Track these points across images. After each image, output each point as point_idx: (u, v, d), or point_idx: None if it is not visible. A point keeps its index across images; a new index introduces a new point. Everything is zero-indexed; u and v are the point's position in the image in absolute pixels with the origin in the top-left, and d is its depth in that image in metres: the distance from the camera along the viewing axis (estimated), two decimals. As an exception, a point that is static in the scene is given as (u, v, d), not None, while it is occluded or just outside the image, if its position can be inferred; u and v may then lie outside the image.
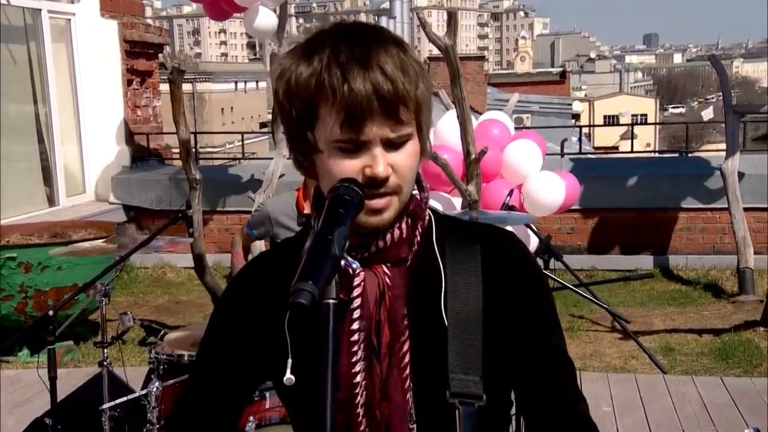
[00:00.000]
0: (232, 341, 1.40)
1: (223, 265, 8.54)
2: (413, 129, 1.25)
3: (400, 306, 1.30)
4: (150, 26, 10.17)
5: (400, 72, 1.20)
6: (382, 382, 1.30)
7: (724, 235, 7.91)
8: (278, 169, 7.83)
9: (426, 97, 1.25)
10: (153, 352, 3.58)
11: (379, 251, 1.30)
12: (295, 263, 1.30)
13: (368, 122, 1.20)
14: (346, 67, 1.19)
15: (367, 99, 1.18)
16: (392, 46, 1.23)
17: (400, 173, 1.24)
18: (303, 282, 1.08)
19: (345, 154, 1.23)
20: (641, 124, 41.77)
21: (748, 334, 6.11)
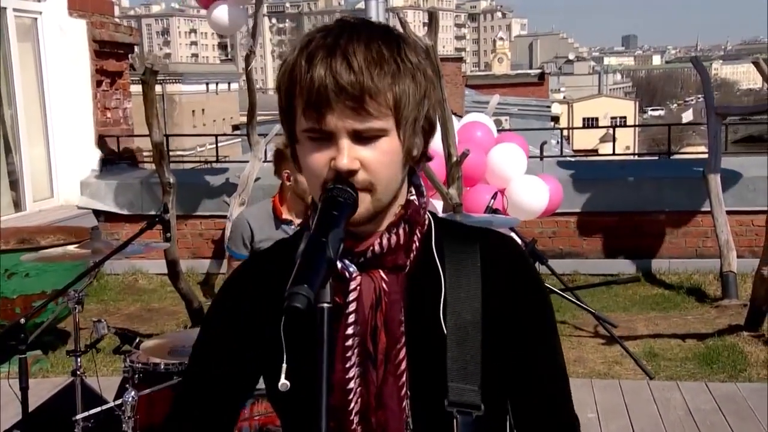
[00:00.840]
0: (225, 345, 1.41)
1: (197, 272, 8.51)
2: (388, 125, 1.23)
3: (397, 312, 1.31)
4: (120, 26, 10.11)
5: (372, 64, 1.20)
6: (378, 389, 1.30)
7: (707, 238, 8.00)
8: (254, 173, 7.82)
9: (409, 96, 1.23)
10: (128, 360, 3.56)
11: (375, 257, 1.30)
12: (289, 266, 1.30)
13: (329, 111, 1.20)
14: (311, 55, 1.21)
15: (324, 87, 1.19)
16: (376, 41, 1.23)
17: (370, 169, 1.23)
18: (298, 285, 1.08)
19: (314, 145, 1.25)
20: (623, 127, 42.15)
21: (732, 339, 6.18)
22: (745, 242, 7.89)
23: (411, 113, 1.25)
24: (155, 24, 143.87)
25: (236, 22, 7.16)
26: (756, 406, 4.98)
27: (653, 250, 8.19)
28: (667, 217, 8.15)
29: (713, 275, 7.71)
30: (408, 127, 1.25)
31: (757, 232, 7.85)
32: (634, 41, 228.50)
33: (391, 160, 1.25)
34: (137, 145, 10.13)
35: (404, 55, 1.25)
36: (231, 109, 61.56)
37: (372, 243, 1.30)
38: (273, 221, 4.12)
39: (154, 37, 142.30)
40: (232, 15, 7.10)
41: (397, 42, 1.26)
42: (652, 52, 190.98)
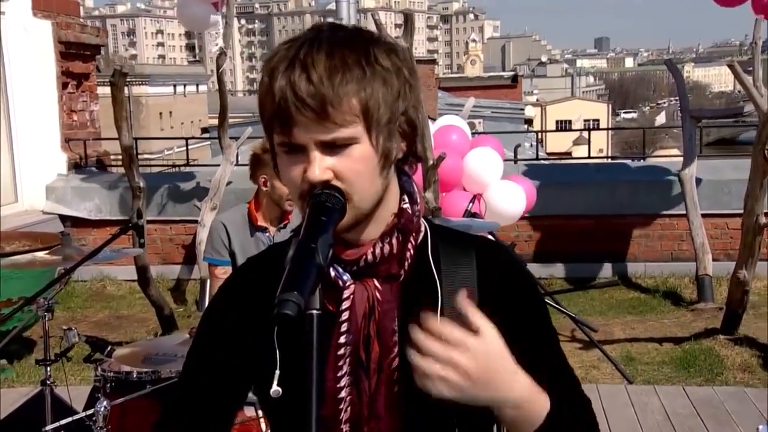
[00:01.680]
0: (216, 354, 1.41)
1: (167, 278, 8.45)
2: (357, 132, 1.22)
3: (390, 321, 1.31)
4: (86, 26, 10.02)
5: (334, 72, 1.20)
6: (370, 399, 1.31)
7: (683, 241, 8.10)
8: (225, 176, 7.79)
9: (380, 100, 1.23)
10: (99, 369, 3.53)
11: (368, 266, 1.31)
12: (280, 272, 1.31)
13: (293, 125, 1.21)
14: (273, 70, 1.23)
15: (285, 100, 1.20)
16: (341, 47, 1.23)
17: (343, 178, 1.23)
18: (288, 292, 1.09)
19: (288, 158, 1.26)
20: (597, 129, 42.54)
21: (709, 342, 6.26)
22: (720, 245, 8.00)
23: (383, 117, 1.24)
24: (120, 24, 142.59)
25: (205, 18, 7.12)
26: (733, 410, 5.05)
27: (629, 253, 8.28)
28: (642, 221, 8.24)
29: (689, 278, 7.81)
30: (381, 132, 1.25)
31: (731, 235, 7.97)
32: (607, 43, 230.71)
33: (364, 167, 1.24)
34: (105, 148, 10.05)
35: (372, 59, 1.24)
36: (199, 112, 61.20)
37: (365, 252, 1.31)
38: (248, 227, 4.11)
39: (120, 38, 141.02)
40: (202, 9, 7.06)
41: (365, 46, 1.25)
42: (624, 54, 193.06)
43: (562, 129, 52.74)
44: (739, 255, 6.29)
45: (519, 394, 1.24)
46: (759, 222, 5.95)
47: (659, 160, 12.47)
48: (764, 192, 6.01)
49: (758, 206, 5.95)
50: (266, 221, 4.12)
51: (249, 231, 4.11)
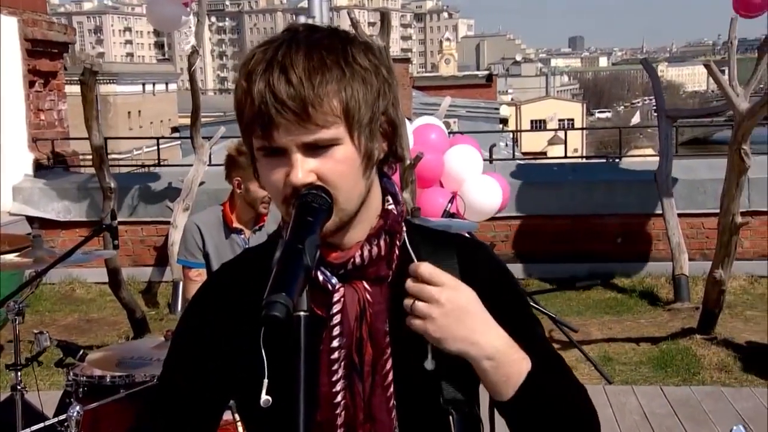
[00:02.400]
0: (196, 359, 1.40)
1: (138, 280, 8.39)
2: (339, 133, 1.23)
3: (382, 323, 1.32)
4: (54, 23, 9.91)
5: (313, 73, 1.20)
6: (366, 402, 1.32)
7: (659, 241, 8.19)
8: (198, 177, 7.75)
9: (360, 99, 1.23)
10: (71, 374, 3.49)
11: (357, 269, 1.31)
12: (261, 274, 1.31)
13: (274, 128, 1.21)
14: (250, 73, 1.22)
15: (265, 104, 1.19)
16: (319, 48, 1.23)
17: (327, 180, 1.23)
18: (276, 294, 1.08)
19: (269, 162, 1.26)
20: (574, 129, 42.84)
21: (685, 342, 6.34)
22: (696, 245, 8.09)
23: (364, 116, 1.24)
24: (87, 22, 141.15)
25: (175, 18, 7.08)
26: (710, 409, 5.12)
27: (605, 253, 8.34)
28: (619, 220, 8.32)
29: (665, 278, 7.89)
30: (363, 131, 1.25)
31: (707, 235, 8.07)
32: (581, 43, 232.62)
33: (348, 168, 1.25)
34: (73, 148, 9.95)
35: (351, 59, 1.24)
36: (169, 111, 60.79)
37: (352, 254, 1.31)
38: (223, 229, 4.09)
39: (86, 35, 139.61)
40: (172, 9, 7.02)
41: (342, 46, 1.25)
42: (598, 53, 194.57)
43: (536, 128, 53.09)
44: (716, 255, 6.37)
45: (495, 342, 1.25)
46: (735, 221, 6.03)
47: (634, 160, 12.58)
48: (740, 191, 6.09)
49: (734, 205, 6.03)
50: (241, 223, 4.10)
51: (224, 233, 4.09)
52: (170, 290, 7.80)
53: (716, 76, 5.91)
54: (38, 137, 9.13)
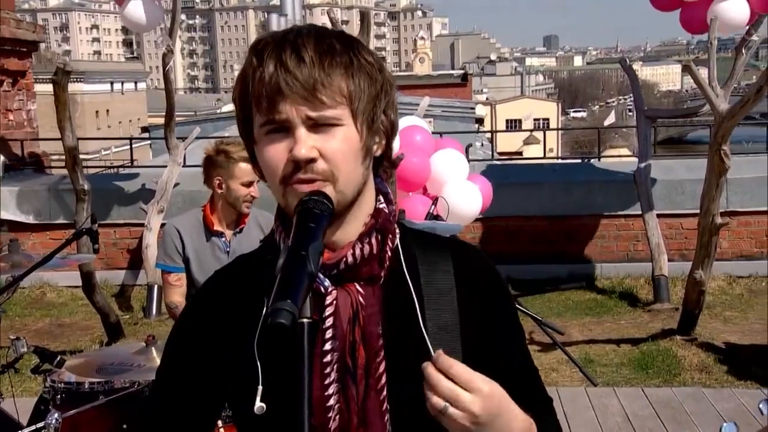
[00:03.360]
0: (190, 367, 1.41)
1: (111, 284, 8.33)
2: (344, 114, 1.26)
3: (375, 325, 1.33)
4: (22, 21, 9.80)
5: (323, 55, 1.24)
6: (360, 405, 1.32)
7: (638, 242, 8.26)
8: (173, 178, 7.71)
9: (364, 91, 1.27)
10: (49, 380, 3.47)
11: (349, 269, 1.32)
12: (256, 279, 1.32)
13: (282, 101, 1.24)
14: (260, 52, 1.26)
15: (276, 79, 1.23)
16: (328, 38, 1.28)
17: (329, 158, 1.25)
18: (281, 301, 1.09)
19: (271, 139, 1.27)
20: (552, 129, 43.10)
21: (666, 343, 6.40)
22: (675, 245, 8.18)
23: (366, 107, 1.28)
24: (52, 19, 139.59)
25: (153, 19, 7.04)
26: (692, 410, 5.18)
27: (585, 254, 8.42)
28: (598, 221, 8.39)
29: (644, 279, 7.97)
30: (364, 120, 1.28)
31: (686, 235, 8.17)
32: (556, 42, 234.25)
33: (349, 149, 1.27)
34: (43, 149, 9.85)
35: (357, 51, 1.28)
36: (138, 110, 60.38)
37: (345, 253, 1.32)
38: (203, 232, 4.07)
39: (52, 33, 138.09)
40: (148, 11, 6.99)
41: (350, 41, 1.30)
42: (573, 53, 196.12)
43: (512, 128, 53.32)
44: (695, 255, 6.44)
45: None
46: (715, 222, 6.10)
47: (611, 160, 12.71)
48: (720, 192, 6.17)
49: (714, 206, 6.11)
50: (222, 225, 4.09)
51: (204, 236, 4.07)
52: (144, 294, 7.75)
53: (696, 76, 5.98)
54: (7, 138, 9.03)
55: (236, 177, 3.94)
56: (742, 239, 8.33)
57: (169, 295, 4.10)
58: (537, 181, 8.62)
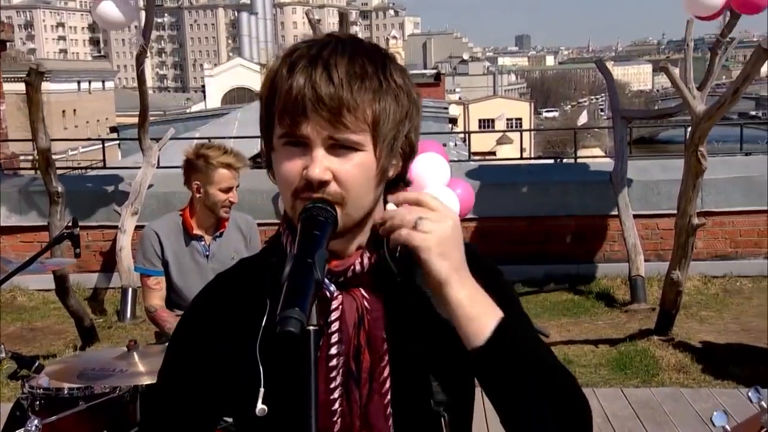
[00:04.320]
0: (193, 368, 1.42)
1: (84, 287, 8.26)
2: (365, 140, 1.27)
3: (380, 330, 1.35)
4: (-9, 19, 9.70)
5: (353, 78, 1.24)
6: (362, 409, 1.34)
7: (614, 242, 8.35)
8: (147, 180, 7.67)
9: (390, 115, 1.28)
10: (27, 386, 3.44)
11: (356, 276, 1.34)
12: (258, 283, 1.33)
13: (305, 118, 1.24)
14: (293, 64, 1.26)
15: (303, 96, 1.23)
16: (360, 56, 1.27)
17: (342, 182, 1.26)
18: (290, 309, 1.11)
19: (288, 152, 1.28)
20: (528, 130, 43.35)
21: (644, 343, 6.48)
22: (651, 246, 8.27)
23: (390, 132, 1.29)
24: (17, 17, 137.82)
25: (128, 18, 6.99)
26: (671, 410, 5.24)
27: (562, 255, 8.48)
28: (574, 222, 8.45)
29: (621, 279, 8.05)
30: (385, 146, 1.29)
31: (662, 236, 8.26)
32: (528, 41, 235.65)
33: (364, 175, 1.28)
34: (11, 150, 9.75)
35: (389, 74, 1.29)
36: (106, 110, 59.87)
37: (352, 262, 1.34)
38: (183, 236, 4.06)
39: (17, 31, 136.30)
40: (122, 10, 6.93)
41: (382, 60, 1.30)
42: (545, 52, 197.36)
43: (485, 128, 53.57)
44: (673, 256, 6.52)
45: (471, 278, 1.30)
46: (692, 223, 6.19)
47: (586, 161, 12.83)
48: (697, 193, 6.25)
49: (691, 207, 6.19)
50: (201, 229, 4.09)
51: (184, 240, 4.07)
52: (118, 297, 7.70)
53: (674, 78, 6.06)
54: (-25, 138, 8.94)
55: (215, 182, 3.94)
56: (717, 239, 8.44)
57: (148, 299, 4.09)
58: (514, 182, 8.67)
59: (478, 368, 1.29)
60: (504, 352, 1.27)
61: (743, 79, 5.60)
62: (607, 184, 7.92)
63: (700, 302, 7.69)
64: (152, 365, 3.22)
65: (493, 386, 1.29)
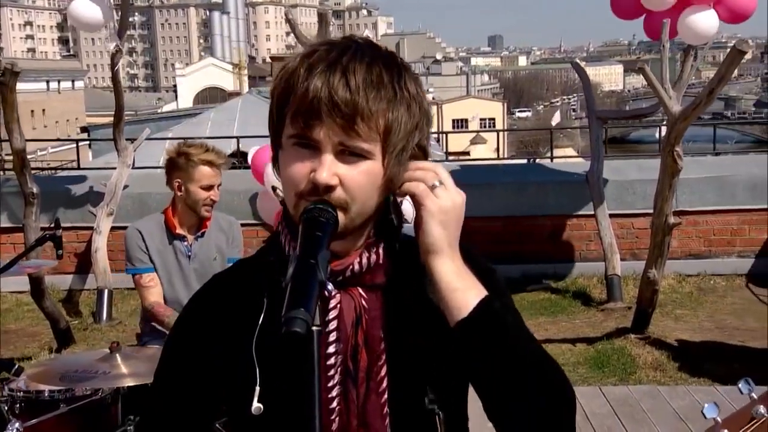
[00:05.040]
0: (189, 368, 1.44)
1: (58, 288, 8.18)
2: (375, 149, 1.29)
3: (377, 329, 1.37)
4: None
5: (370, 86, 1.26)
6: (359, 408, 1.36)
7: (590, 242, 8.41)
8: (122, 180, 7.61)
9: (402, 125, 1.29)
10: (6, 389, 3.42)
11: (355, 276, 1.36)
12: (255, 282, 1.34)
13: (319, 123, 1.26)
14: (311, 66, 1.27)
15: (318, 100, 1.25)
16: (377, 64, 1.29)
17: (348, 188, 1.28)
18: (295, 309, 1.12)
19: (297, 153, 1.29)
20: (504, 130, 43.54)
21: (621, 342, 6.54)
22: (626, 245, 8.34)
23: (399, 142, 1.30)
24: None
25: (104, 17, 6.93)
26: (649, 408, 5.30)
27: (538, 254, 8.53)
28: (551, 221, 8.51)
29: (597, 278, 8.12)
30: (394, 156, 1.31)
31: (637, 235, 8.35)
32: (500, 42, 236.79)
33: (370, 182, 1.30)
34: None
35: (403, 83, 1.31)
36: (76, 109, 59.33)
37: (351, 262, 1.36)
38: (165, 235, 4.07)
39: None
40: (98, 10, 6.87)
41: (398, 69, 1.32)
42: (518, 53, 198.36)
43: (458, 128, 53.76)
44: (649, 255, 6.59)
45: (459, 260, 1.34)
46: (668, 222, 6.26)
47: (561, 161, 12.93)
48: (673, 192, 6.33)
49: (667, 206, 6.26)
50: (183, 229, 4.09)
51: (167, 239, 4.07)
52: (94, 299, 7.63)
53: (651, 78, 6.13)
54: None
55: (196, 180, 3.94)
56: (691, 238, 8.54)
57: (146, 298, 4.08)
58: (490, 182, 8.72)
59: (461, 344, 1.31)
60: (487, 327, 1.30)
61: (718, 80, 5.68)
62: (582, 184, 7.98)
63: (675, 301, 7.77)
64: (135, 367, 3.21)
65: (475, 363, 1.31)
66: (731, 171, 8.52)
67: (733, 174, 8.43)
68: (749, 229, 8.46)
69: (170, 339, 1.52)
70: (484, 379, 1.32)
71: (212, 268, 4.10)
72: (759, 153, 11.89)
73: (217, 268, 4.09)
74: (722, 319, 7.27)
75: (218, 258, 4.10)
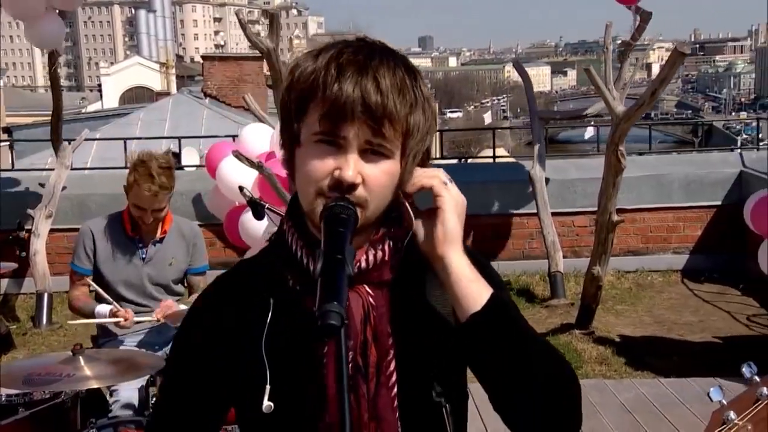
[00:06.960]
0: (198, 368, 1.47)
1: (-7, 292, 7.97)
2: (396, 150, 1.34)
3: (385, 325, 1.41)
4: None
5: (395, 91, 1.31)
6: (371, 403, 1.40)
7: (533, 240, 8.58)
8: (61, 182, 7.47)
9: (419, 128, 1.36)
10: (-37, 394, 3.34)
11: (362, 272, 1.40)
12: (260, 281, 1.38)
13: (349, 123, 1.30)
14: (342, 68, 1.31)
15: (352, 102, 1.29)
16: (400, 68, 1.34)
17: (369, 186, 1.33)
18: (329, 303, 1.16)
19: (320, 150, 1.33)
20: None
21: (566, 337, 6.70)
22: (567, 243, 8.53)
23: (417, 144, 1.37)
24: None
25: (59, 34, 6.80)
26: (597, 401, 5.44)
27: (482, 253, 8.62)
28: (495, 220, 8.64)
29: (540, 276, 8.29)
30: (410, 158, 1.37)
31: (577, 233, 8.55)
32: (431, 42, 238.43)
33: (389, 181, 1.35)
34: None
35: (419, 86, 1.37)
36: (-5, 109, 57.46)
37: (358, 258, 1.39)
38: (121, 236, 4.02)
39: None
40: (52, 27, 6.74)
41: (414, 72, 1.38)
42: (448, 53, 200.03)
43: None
44: (593, 251, 6.76)
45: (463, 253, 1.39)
46: (611, 219, 6.44)
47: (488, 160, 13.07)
48: (617, 191, 6.51)
49: (611, 204, 6.44)
50: (139, 231, 4.05)
51: (122, 240, 4.02)
52: (32, 303, 7.46)
53: (596, 79, 6.30)
54: None
55: (131, 196, 3.92)
56: (629, 236, 8.78)
57: (72, 295, 4.11)
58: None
59: (471, 336, 1.35)
60: (500, 319, 1.35)
61: (660, 81, 5.86)
62: (525, 183, 8.14)
63: (615, 296, 7.98)
64: (99, 369, 3.17)
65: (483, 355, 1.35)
66: (667, 170, 8.80)
67: (669, 173, 8.71)
68: (684, 226, 8.75)
69: (176, 341, 1.55)
70: (491, 371, 1.36)
71: (167, 272, 4.08)
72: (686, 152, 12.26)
73: (173, 274, 4.08)
74: (660, 314, 7.51)
75: (174, 263, 4.08)
